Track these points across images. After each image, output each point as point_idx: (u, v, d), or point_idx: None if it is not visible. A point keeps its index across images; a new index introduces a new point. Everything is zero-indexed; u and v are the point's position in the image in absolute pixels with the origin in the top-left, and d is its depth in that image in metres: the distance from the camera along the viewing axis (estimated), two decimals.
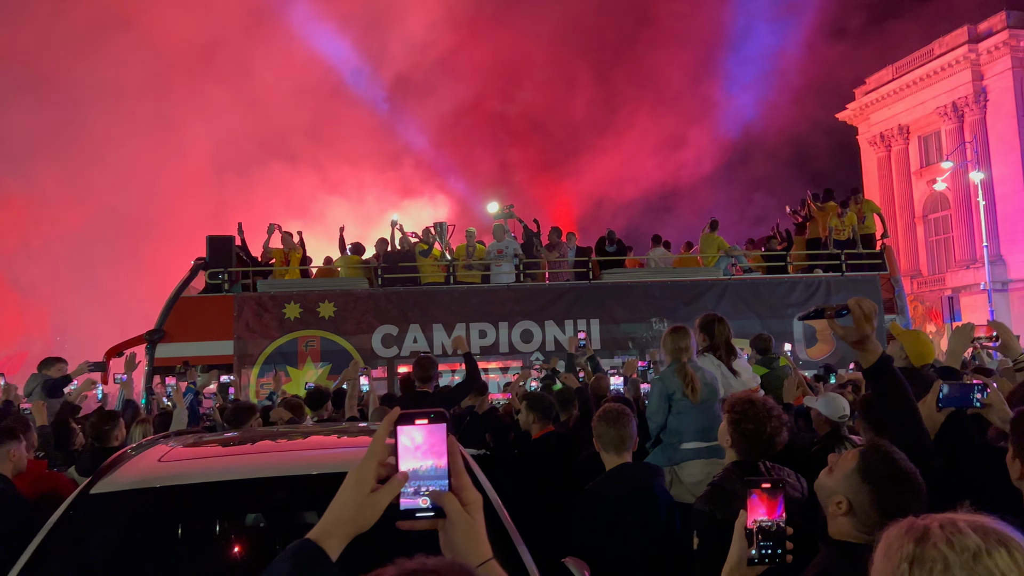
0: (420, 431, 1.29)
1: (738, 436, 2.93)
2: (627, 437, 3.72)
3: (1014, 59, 36.55)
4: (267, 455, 3.61)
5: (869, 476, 2.05)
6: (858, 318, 2.51)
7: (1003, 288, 35.92)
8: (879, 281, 14.77)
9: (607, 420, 3.73)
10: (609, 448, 3.72)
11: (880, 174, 43.05)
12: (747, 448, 2.93)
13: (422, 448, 1.29)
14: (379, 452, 1.29)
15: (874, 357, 2.52)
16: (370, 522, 1.26)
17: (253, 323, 13.43)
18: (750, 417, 2.92)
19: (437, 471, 1.29)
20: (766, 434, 2.89)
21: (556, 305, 14.29)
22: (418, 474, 1.29)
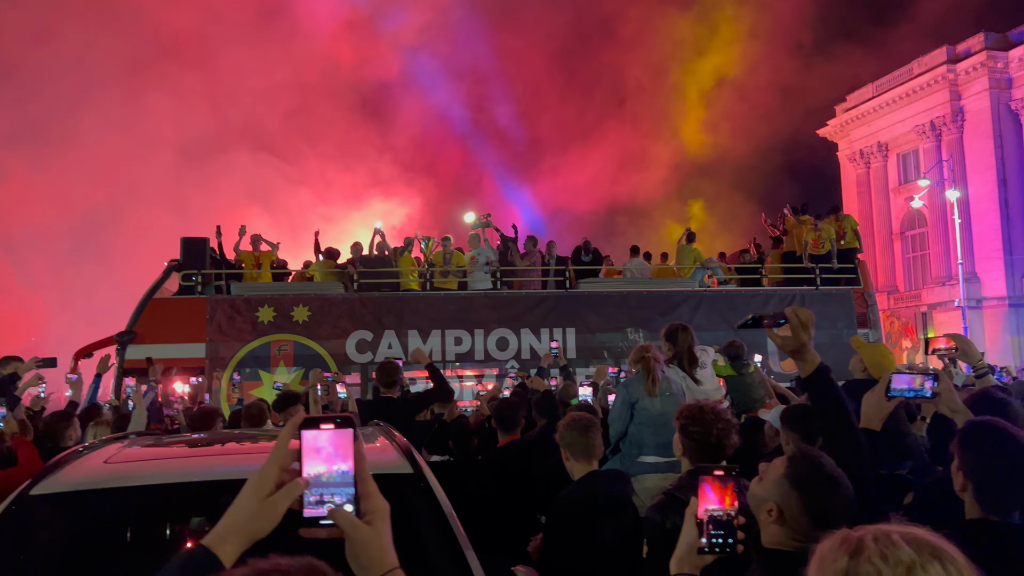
0: (326, 436, 1.26)
1: (687, 441, 2.93)
2: (596, 446, 3.72)
3: (991, 80, 37.10)
4: (217, 458, 3.55)
5: (797, 482, 2.05)
6: (795, 327, 2.51)
7: (977, 305, 36.34)
8: (853, 295, 14.89)
9: (577, 428, 3.71)
10: (579, 456, 3.70)
11: (859, 190, 43.50)
12: (698, 453, 2.92)
13: (327, 454, 1.26)
14: (281, 457, 1.25)
15: (812, 367, 2.52)
16: (267, 529, 1.22)
17: (226, 326, 13.31)
18: (697, 420, 2.93)
19: (343, 477, 1.25)
20: (713, 436, 2.89)
21: (532, 313, 14.29)
22: (322, 480, 1.25)
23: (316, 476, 1.25)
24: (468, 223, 16.24)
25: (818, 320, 10.32)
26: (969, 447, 2.24)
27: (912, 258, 41.77)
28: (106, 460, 3.21)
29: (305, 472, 1.25)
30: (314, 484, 1.25)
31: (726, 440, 2.92)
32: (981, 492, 2.18)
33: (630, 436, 4.70)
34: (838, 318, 14.65)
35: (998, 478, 2.16)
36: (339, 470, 1.25)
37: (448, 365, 13.62)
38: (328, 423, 1.27)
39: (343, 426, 1.27)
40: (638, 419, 4.69)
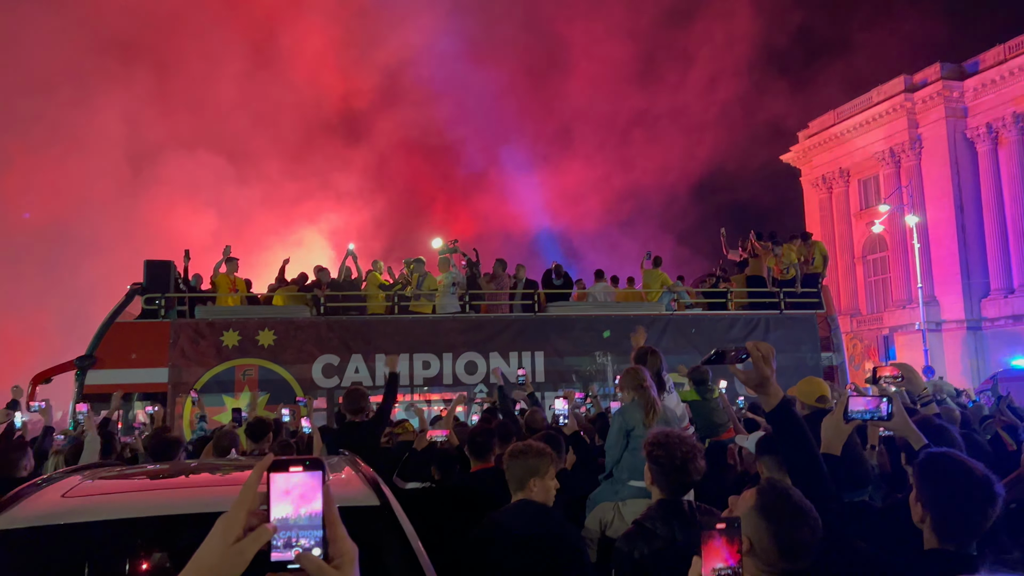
0: (294, 479, 1.25)
1: (654, 467, 2.95)
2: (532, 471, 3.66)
3: (947, 109, 38.15)
4: (181, 491, 3.49)
5: (766, 512, 2.07)
6: (756, 360, 2.55)
7: (937, 328, 37.08)
8: (816, 319, 15.12)
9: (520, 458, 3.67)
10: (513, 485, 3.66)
11: (822, 215, 44.31)
12: (665, 479, 2.93)
13: (296, 496, 1.25)
14: (249, 500, 1.24)
15: (776, 400, 2.56)
16: (234, 573, 1.21)
17: (189, 350, 13.11)
18: (661, 445, 2.95)
19: (311, 520, 1.24)
20: (678, 458, 2.90)
21: (501, 337, 14.29)
22: (290, 523, 1.24)
23: (284, 519, 1.24)
24: (436, 248, 16.23)
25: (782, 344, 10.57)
26: (926, 479, 2.28)
27: (874, 281, 42.57)
28: (64, 494, 3.13)
29: (273, 515, 1.24)
30: (282, 527, 1.23)
31: (691, 465, 2.93)
32: (938, 523, 2.22)
33: (623, 462, 4.68)
34: (802, 342, 14.86)
35: (954, 510, 2.19)
36: (308, 513, 1.24)
37: (416, 389, 13.55)
38: (297, 466, 1.26)
39: (312, 468, 1.26)
40: (632, 445, 4.67)
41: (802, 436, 2.53)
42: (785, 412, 2.55)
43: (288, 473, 1.25)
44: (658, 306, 15.16)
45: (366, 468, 3.67)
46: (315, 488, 1.25)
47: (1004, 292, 36.48)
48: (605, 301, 15.37)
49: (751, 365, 2.60)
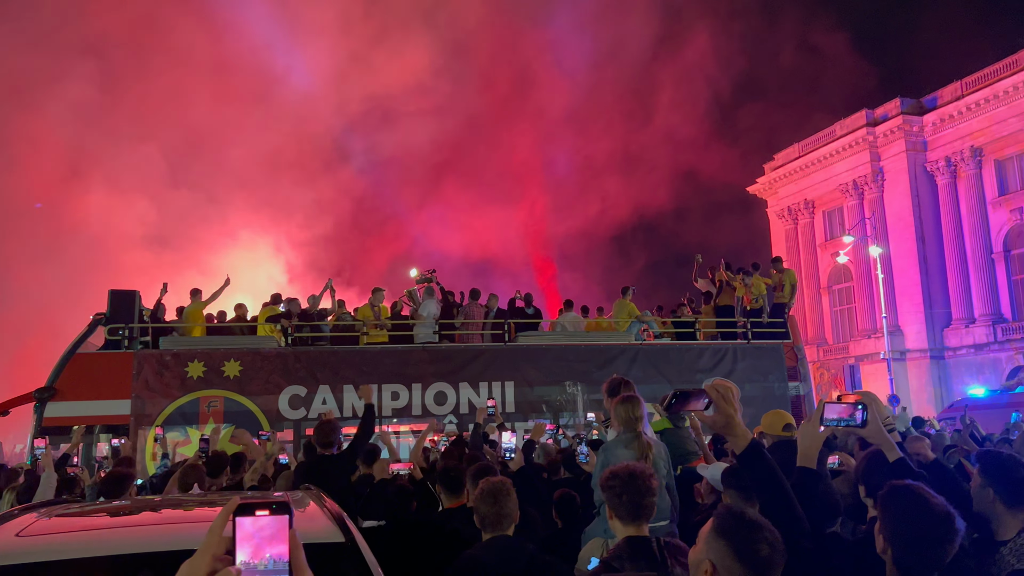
0: (260, 523, 1.23)
1: (612, 499, 2.93)
2: (508, 514, 3.61)
3: (908, 143, 39.13)
4: (140, 529, 3.40)
5: (723, 531, 2.09)
6: (717, 401, 2.55)
7: (901, 357, 37.66)
8: (783, 349, 15.27)
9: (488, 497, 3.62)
10: (488, 526, 3.61)
11: (788, 245, 44.99)
12: (622, 512, 2.91)
13: (262, 541, 1.23)
14: (214, 544, 1.22)
15: (744, 442, 2.56)
16: None
17: (153, 381, 12.87)
18: (616, 475, 2.94)
19: (277, 565, 1.22)
20: (635, 490, 2.89)
21: (471, 367, 14.22)
22: (256, 569, 1.22)
23: (250, 564, 1.22)
24: (412, 277, 16.20)
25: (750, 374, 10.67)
26: (888, 512, 2.30)
27: (839, 311, 43.21)
28: (18, 533, 3.04)
29: (239, 560, 1.22)
30: (247, 572, 1.22)
31: (645, 499, 2.93)
32: (899, 555, 2.24)
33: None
34: (769, 372, 14.99)
35: (915, 543, 2.22)
36: (273, 558, 1.23)
37: (384, 420, 13.41)
38: (263, 509, 1.24)
39: (278, 512, 1.24)
40: None
41: (774, 477, 2.54)
42: (755, 454, 2.56)
43: (254, 517, 1.23)
44: (627, 336, 15.22)
45: (331, 504, 3.61)
46: (281, 532, 1.23)
47: (965, 322, 37.22)
48: (575, 331, 15.41)
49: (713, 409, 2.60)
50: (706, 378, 14.54)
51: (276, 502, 1.25)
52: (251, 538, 1.23)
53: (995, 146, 36.47)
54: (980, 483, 3.06)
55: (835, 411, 2.83)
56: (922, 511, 2.23)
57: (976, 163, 37.11)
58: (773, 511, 2.51)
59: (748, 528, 2.08)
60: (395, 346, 14.25)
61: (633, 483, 2.92)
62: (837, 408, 2.84)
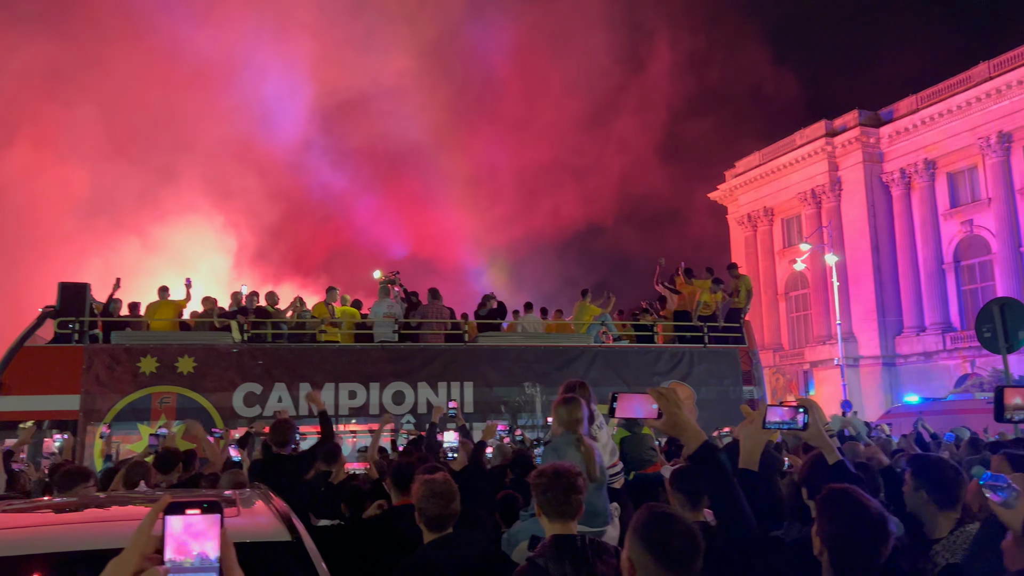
0: (191, 521, 1.22)
1: (539, 496, 2.95)
2: (452, 514, 3.61)
3: (864, 154, 39.99)
4: (78, 526, 3.32)
5: (636, 527, 2.12)
6: (661, 403, 2.57)
7: (855, 364, 38.44)
8: (738, 354, 15.49)
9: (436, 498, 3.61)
10: (433, 525, 3.61)
11: (747, 252, 45.66)
12: (549, 509, 2.93)
13: (192, 540, 1.22)
14: (141, 544, 1.20)
15: (696, 443, 2.59)
16: None
17: (104, 376, 12.60)
18: (543, 473, 2.96)
19: (207, 564, 1.21)
20: (560, 487, 2.91)
21: (430, 367, 14.17)
22: (185, 567, 1.21)
23: (179, 563, 1.21)
24: (376, 279, 16.09)
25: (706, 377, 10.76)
26: (824, 515, 2.35)
27: (796, 318, 43.96)
28: None
29: (168, 559, 1.20)
30: (176, 571, 1.20)
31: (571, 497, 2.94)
32: (835, 558, 2.29)
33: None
34: (725, 376, 15.20)
35: (850, 546, 2.27)
36: (204, 557, 1.22)
37: (342, 420, 13.31)
38: (194, 508, 1.23)
39: (210, 511, 1.23)
40: None
41: (724, 477, 2.57)
42: (706, 456, 2.59)
43: (184, 516, 1.22)
44: (586, 338, 15.31)
45: (279, 502, 3.58)
46: (212, 531, 1.22)
47: (916, 330, 38.13)
48: (535, 332, 15.45)
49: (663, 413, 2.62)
50: (663, 381, 14.69)
51: (208, 501, 1.24)
52: (181, 537, 1.22)
53: (948, 159, 37.43)
54: (913, 486, 3.17)
55: (777, 414, 2.88)
56: (857, 514, 2.29)
57: (929, 175, 38.05)
58: (722, 511, 2.55)
59: (659, 521, 2.11)
60: (353, 345, 14.15)
61: (558, 481, 2.93)
62: (780, 411, 2.89)
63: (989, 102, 35.06)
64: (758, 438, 2.94)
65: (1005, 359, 9.07)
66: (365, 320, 14.59)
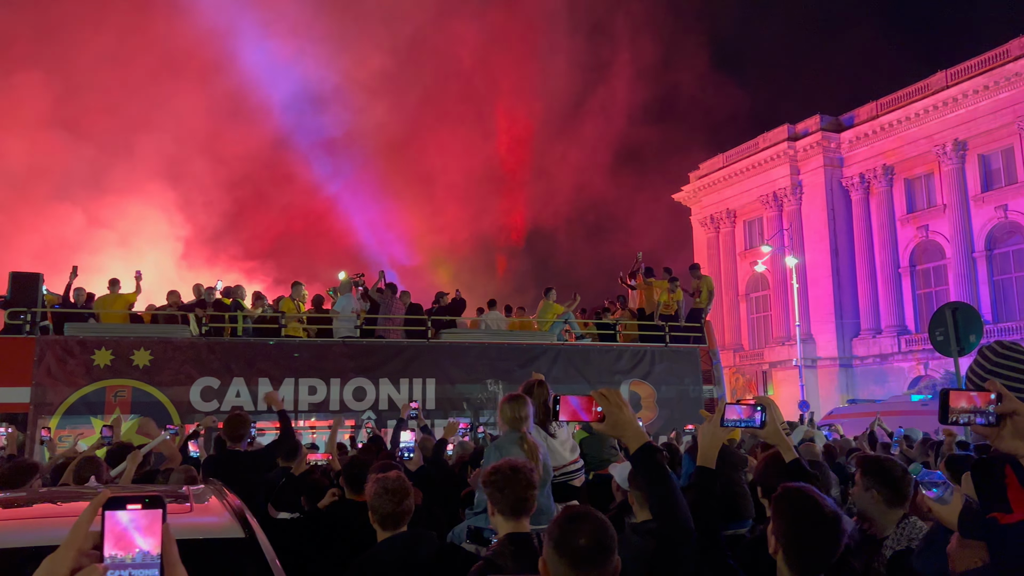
0: (132, 517, 1.19)
1: (494, 494, 2.93)
2: (407, 511, 3.58)
3: (825, 158, 40.67)
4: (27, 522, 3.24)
5: (550, 530, 2.12)
6: (603, 404, 2.57)
7: (812, 365, 39.11)
8: (699, 353, 15.65)
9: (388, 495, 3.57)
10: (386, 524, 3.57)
11: (709, 253, 46.17)
12: (504, 507, 2.91)
13: (133, 536, 1.18)
14: (78, 540, 1.16)
15: (637, 443, 2.60)
16: None
17: (56, 369, 12.31)
18: (499, 470, 2.94)
19: (148, 560, 1.18)
20: (517, 483, 2.89)
21: (392, 363, 14.08)
22: (125, 563, 1.17)
23: (120, 560, 1.17)
24: (340, 280, 15.91)
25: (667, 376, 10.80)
26: (780, 513, 2.37)
27: (756, 318, 44.57)
28: None
29: (107, 555, 1.17)
30: (115, 568, 1.17)
31: (528, 492, 2.92)
32: (789, 556, 2.32)
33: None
34: (685, 375, 15.35)
35: (805, 544, 2.30)
36: (145, 554, 1.18)
37: (302, 416, 13.17)
38: (135, 503, 1.19)
39: (151, 506, 1.20)
40: None
41: (663, 476, 2.58)
42: (646, 457, 2.59)
43: (125, 511, 1.19)
44: (549, 336, 15.35)
45: (233, 498, 3.52)
46: (154, 526, 1.20)
47: (873, 332, 38.90)
48: (498, 330, 15.45)
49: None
50: (625, 379, 14.79)
51: (149, 495, 1.21)
52: (121, 533, 1.18)
53: (905, 165, 38.22)
54: (863, 486, 3.22)
55: (736, 412, 2.90)
56: (811, 513, 2.31)
57: (888, 181, 38.82)
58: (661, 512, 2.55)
59: (568, 521, 2.10)
60: (314, 340, 14.00)
61: (516, 477, 2.91)
62: (738, 409, 2.91)
63: (946, 110, 35.87)
64: (716, 436, 2.96)
65: (956, 362, 9.27)
66: (328, 314, 14.44)
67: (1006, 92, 33.57)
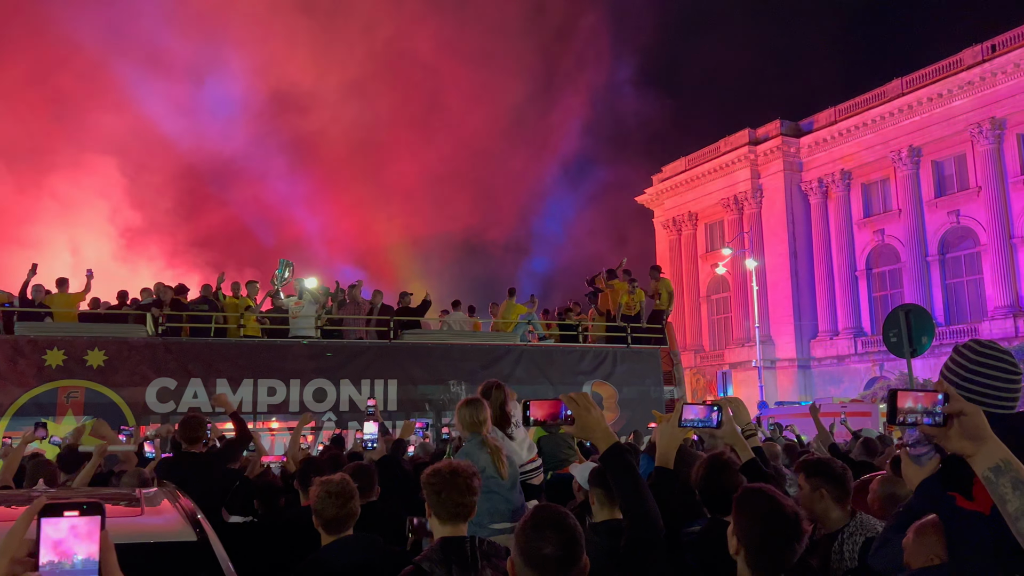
0: (68, 524, 1.17)
1: (431, 497, 2.87)
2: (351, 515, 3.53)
3: (785, 163, 41.33)
4: None
5: (518, 533, 2.12)
6: (573, 408, 2.58)
7: (771, 366, 39.70)
8: (660, 354, 15.78)
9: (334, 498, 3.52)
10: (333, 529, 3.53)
11: (671, 255, 46.61)
12: (441, 511, 2.86)
13: (70, 544, 1.17)
14: (12, 547, 1.14)
15: (606, 444, 2.61)
16: None
17: (5, 369, 11.98)
18: (438, 472, 2.88)
19: (87, 566, 1.17)
20: (455, 488, 2.85)
21: (353, 364, 13.95)
22: (62, 570, 1.16)
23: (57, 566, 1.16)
24: (310, 288, 15.58)
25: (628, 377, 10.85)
26: (742, 512, 2.39)
27: (717, 320, 45.10)
28: None
29: (43, 562, 1.15)
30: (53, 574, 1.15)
31: (466, 497, 2.87)
32: (750, 555, 2.34)
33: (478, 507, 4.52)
34: (646, 375, 15.46)
35: (766, 543, 2.32)
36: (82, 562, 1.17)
37: (260, 417, 12.98)
38: (72, 510, 1.18)
39: (89, 513, 1.18)
40: (485, 487, 4.49)
41: (631, 476, 2.59)
42: (615, 456, 2.60)
43: (62, 518, 1.17)
44: (513, 337, 15.36)
45: (186, 501, 3.46)
46: (92, 533, 1.18)
47: (830, 334, 39.61)
48: (460, 330, 15.41)
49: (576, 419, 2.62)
50: (587, 380, 14.85)
51: (88, 502, 1.20)
52: (58, 540, 1.17)
53: (862, 171, 39.00)
54: (810, 486, 3.27)
55: (693, 412, 2.93)
56: (772, 513, 2.33)
57: (845, 185, 39.58)
58: (630, 511, 2.56)
59: (534, 526, 2.10)
60: (273, 340, 13.82)
61: (454, 482, 2.84)
62: (695, 410, 2.95)
63: (902, 117, 36.68)
64: (673, 436, 2.98)
65: (909, 363, 9.48)
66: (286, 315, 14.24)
67: (959, 100, 34.43)
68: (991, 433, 1.62)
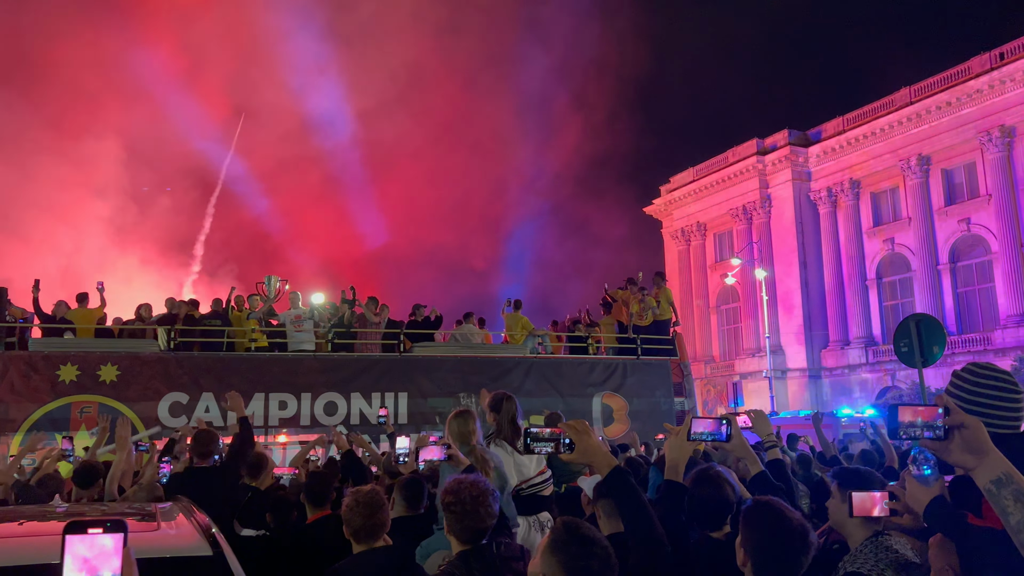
0: (92, 542, 1.21)
1: (452, 521, 2.91)
2: (382, 523, 3.58)
3: (793, 172, 41.26)
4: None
5: (555, 546, 2.15)
6: (573, 437, 2.60)
7: (782, 376, 39.50)
8: (670, 365, 15.74)
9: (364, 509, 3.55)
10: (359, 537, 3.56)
11: (680, 265, 46.55)
12: (461, 534, 2.90)
13: (93, 560, 1.20)
14: None
15: (606, 469, 2.63)
16: None
17: (20, 385, 12.07)
18: (459, 500, 2.90)
19: None
20: (468, 503, 2.88)
21: (363, 377, 13.98)
22: None
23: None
24: (316, 304, 15.63)
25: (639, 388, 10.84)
26: (749, 526, 2.41)
27: (727, 330, 44.95)
28: None
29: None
30: None
31: (482, 509, 2.90)
32: (757, 568, 2.35)
33: None
34: (657, 387, 15.41)
35: (773, 556, 2.33)
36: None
37: (271, 431, 13.03)
38: (96, 527, 1.22)
39: (112, 531, 1.22)
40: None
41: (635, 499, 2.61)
42: (618, 480, 2.62)
43: (86, 535, 1.21)
44: (522, 349, 15.36)
45: (201, 516, 3.50)
46: (115, 551, 1.22)
47: (841, 344, 39.40)
48: (471, 343, 15.43)
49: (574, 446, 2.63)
50: (597, 392, 14.82)
51: (111, 520, 1.23)
52: (83, 557, 1.20)
53: (871, 179, 38.89)
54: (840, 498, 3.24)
55: (702, 426, 2.95)
56: (780, 525, 2.35)
57: (854, 195, 39.47)
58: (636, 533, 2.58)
59: (579, 543, 2.13)
60: (284, 354, 13.87)
61: (476, 512, 2.88)
62: (704, 423, 2.96)
63: (910, 125, 36.60)
64: (683, 449, 3.00)
65: (920, 373, 9.44)
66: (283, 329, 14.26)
67: (968, 108, 34.34)
68: (992, 446, 1.64)
